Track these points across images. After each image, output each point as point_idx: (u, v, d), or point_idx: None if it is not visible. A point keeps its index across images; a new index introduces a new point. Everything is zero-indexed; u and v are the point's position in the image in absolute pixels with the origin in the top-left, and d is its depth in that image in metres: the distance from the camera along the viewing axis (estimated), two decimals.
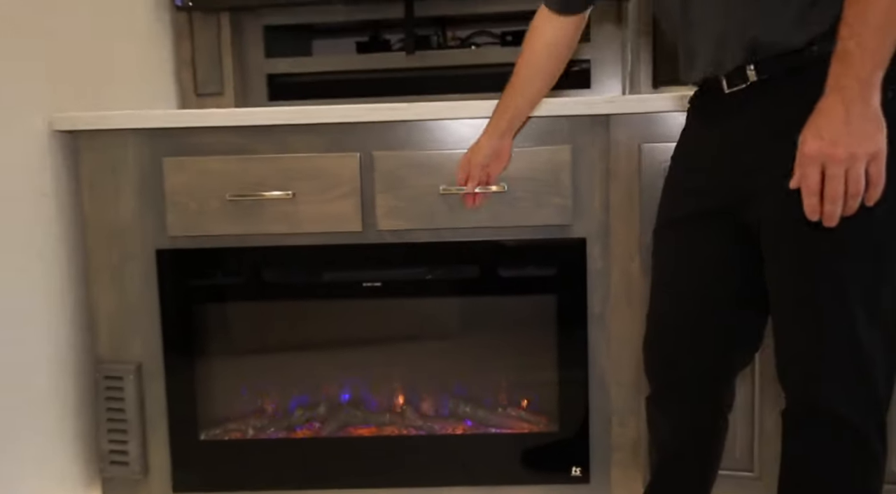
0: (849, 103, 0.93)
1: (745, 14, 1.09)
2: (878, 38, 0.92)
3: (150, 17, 2.14)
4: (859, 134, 0.93)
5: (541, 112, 1.61)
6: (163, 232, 1.72)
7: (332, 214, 1.68)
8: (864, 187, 0.95)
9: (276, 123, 1.68)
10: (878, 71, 0.93)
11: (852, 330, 1.04)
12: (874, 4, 0.92)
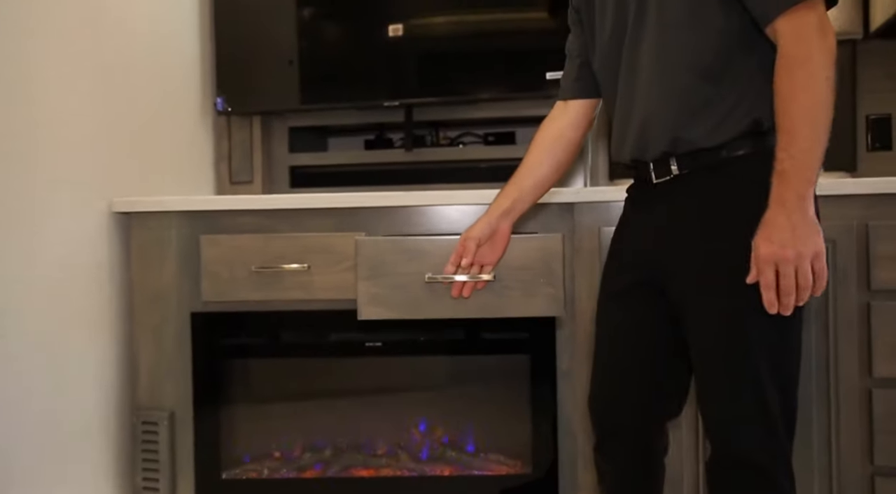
0: (790, 213, 1.00)
1: (669, 111, 1.14)
2: (808, 160, 1.00)
3: (196, 119, 2.26)
4: (803, 237, 1.00)
5: None
6: (198, 297, 1.79)
7: (340, 284, 1.74)
8: (811, 282, 1.02)
9: (295, 207, 1.77)
10: (811, 186, 1.01)
11: (759, 387, 1.10)
12: (800, 133, 1.00)
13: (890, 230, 1.58)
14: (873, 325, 1.59)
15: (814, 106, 0.99)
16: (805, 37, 1.00)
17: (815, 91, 0.99)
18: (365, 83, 2.20)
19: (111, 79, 1.85)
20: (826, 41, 1.00)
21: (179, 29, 2.17)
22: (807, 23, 1.00)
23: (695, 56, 1.11)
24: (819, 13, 1.01)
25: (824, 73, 0.99)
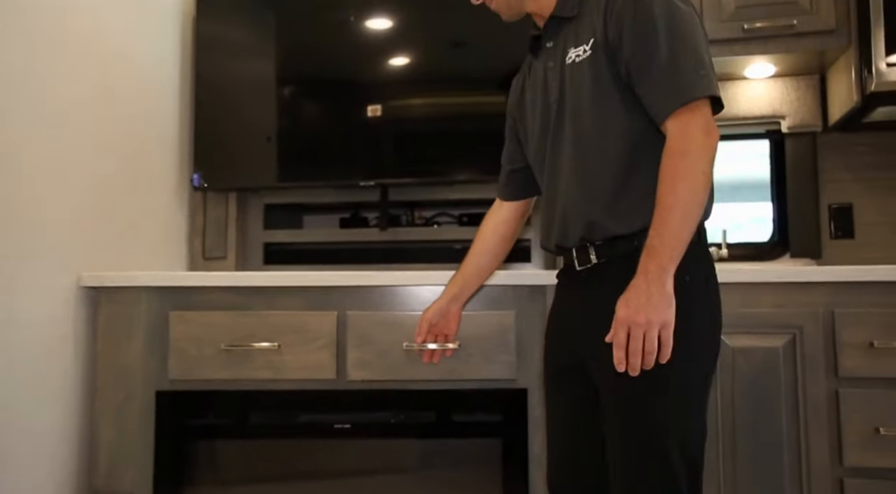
0: (650, 283, 1.10)
1: (586, 203, 1.26)
2: (674, 240, 1.11)
3: (171, 193, 2.27)
4: (655, 307, 1.09)
5: (491, 281, 1.71)
6: (164, 375, 1.76)
7: (310, 364, 1.73)
8: (657, 348, 1.10)
9: (268, 285, 1.77)
10: (673, 263, 1.11)
11: (666, 457, 1.15)
12: (672, 215, 1.11)
13: (855, 317, 1.62)
14: (842, 413, 1.60)
15: (688, 193, 1.11)
16: (688, 134, 1.13)
17: (691, 181, 1.11)
18: (342, 162, 2.25)
19: (85, 151, 1.87)
20: (707, 139, 1.13)
21: (159, 104, 2.22)
22: (691, 121, 1.13)
23: (605, 157, 1.24)
24: (703, 114, 1.14)
25: (701, 167, 1.12)
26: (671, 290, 1.11)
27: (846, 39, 2.04)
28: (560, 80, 1.30)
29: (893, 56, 1.92)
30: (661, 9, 1.17)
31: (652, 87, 1.17)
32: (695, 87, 1.14)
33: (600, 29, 1.23)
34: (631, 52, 1.19)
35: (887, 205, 2.26)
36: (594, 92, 1.24)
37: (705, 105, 1.15)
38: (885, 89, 1.93)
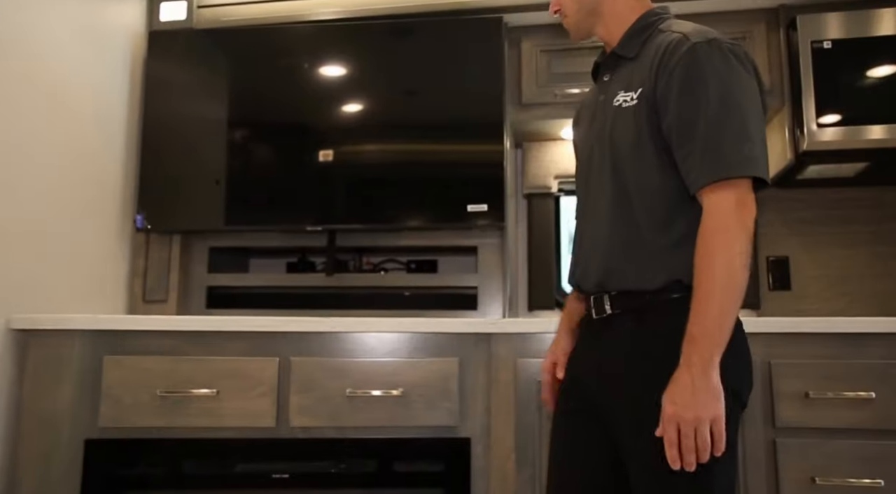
0: (695, 377, 1.04)
1: (607, 250, 1.23)
2: (716, 326, 1.05)
3: (113, 235, 2.23)
4: (703, 402, 1.04)
5: (433, 329, 1.71)
6: (94, 423, 1.70)
7: (250, 411, 1.70)
8: (709, 443, 1.04)
9: (209, 329, 1.73)
10: (717, 352, 1.05)
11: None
12: (711, 301, 1.05)
13: (791, 368, 1.66)
14: (780, 462, 1.63)
15: (725, 276, 1.05)
16: (721, 211, 1.08)
17: (726, 261, 1.05)
18: (291, 206, 2.24)
19: (21, 189, 1.83)
20: (741, 217, 1.07)
21: (104, 143, 2.19)
22: (725, 198, 1.08)
23: (634, 209, 1.20)
24: (739, 191, 1.08)
25: (738, 246, 1.06)
26: (717, 382, 1.05)
27: (780, 100, 2.15)
28: (604, 119, 1.27)
29: (823, 117, 2.02)
30: (716, 71, 1.12)
31: (690, 157, 1.13)
32: (732, 165, 1.08)
33: (651, 80, 1.18)
34: (675, 115, 1.14)
35: (821, 259, 2.35)
36: (634, 144, 1.20)
37: (745, 182, 1.09)
38: (816, 149, 2.03)
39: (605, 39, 1.33)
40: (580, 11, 1.31)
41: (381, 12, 2.30)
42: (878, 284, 2.31)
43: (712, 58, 1.13)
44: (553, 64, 2.27)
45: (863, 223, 2.35)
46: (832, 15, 2.06)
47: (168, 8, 2.39)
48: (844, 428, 1.63)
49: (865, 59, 2.02)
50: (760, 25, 2.18)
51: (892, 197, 2.35)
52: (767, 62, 2.16)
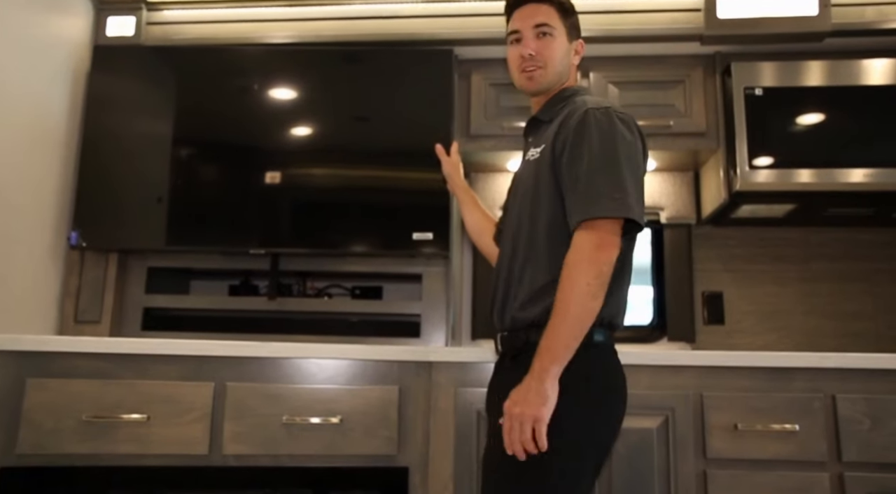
0: (531, 380, 1.21)
1: (500, 290, 1.41)
2: (557, 344, 1.21)
3: (45, 252, 2.14)
4: (530, 403, 1.19)
5: (374, 356, 1.70)
6: (11, 449, 1.61)
7: (182, 437, 1.64)
8: (529, 438, 1.19)
9: (140, 352, 1.68)
10: (556, 364, 1.21)
11: None
12: (559, 321, 1.21)
13: (722, 401, 1.70)
14: (710, 493, 1.65)
15: (572, 302, 1.21)
16: (581, 247, 1.23)
17: (576, 291, 1.21)
18: (235, 228, 2.20)
19: None
20: (597, 254, 1.22)
21: (40, 157, 2.12)
22: (587, 237, 1.23)
23: (522, 253, 1.37)
24: (600, 233, 1.23)
25: (586, 278, 1.21)
26: (549, 389, 1.20)
27: (715, 142, 2.23)
28: (520, 174, 1.48)
29: (756, 160, 2.11)
30: (601, 131, 1.29)
31: (568, 198, 1.29)
32: (601, 206, 1.23)
33: (552, 137, 1.37)
34: (565, 165, 1.31)
35: (753, 295, 2.43)
36: (532, 190, 1.38)
37: (609, 224, 1.24)
38: (748, 189, 2.11)
39: (536, 102, 1.51)
40: (555, 72, 1.45)
41: (333, 38, 2.31)
42: (806, 320, 2.40)
43: (600, 121, 1.30)
44: (502, 97, 2.31)
45: (791, 261, 2.44)
46: (765, 64, 2.16)
47: (115, 23, 2.35)
48: (771, 460, 1.67)
49: (795, 106, 2.13)
50: (698, 70, 2.28)
51: (818, 237, 2.45)
52: (704, 105, 2.25)
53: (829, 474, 1.66)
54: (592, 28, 2.24)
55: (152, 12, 2.37)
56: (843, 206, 2.21)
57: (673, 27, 2.23)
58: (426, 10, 2.30)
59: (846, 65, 2.15)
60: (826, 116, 2.12)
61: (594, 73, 2.30)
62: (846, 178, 2.08)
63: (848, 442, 1.67)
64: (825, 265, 2.44)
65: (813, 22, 2.14)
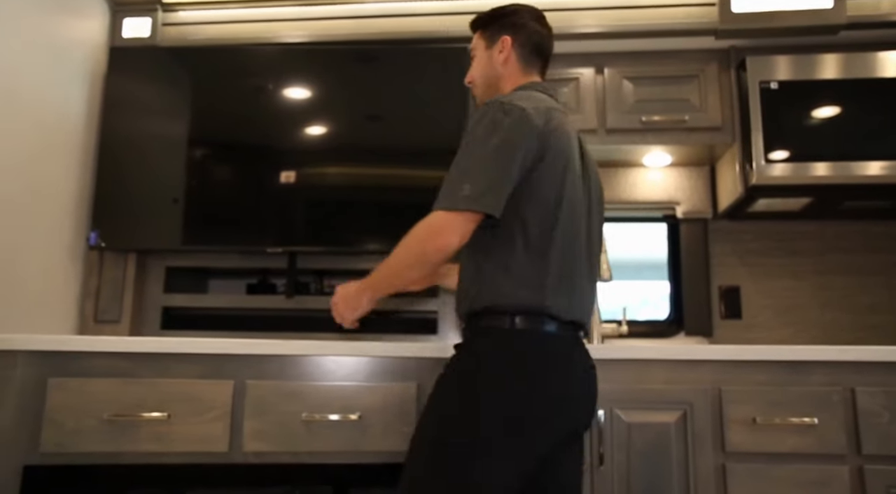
0: (355, 286, 1.45)
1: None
2: (376, 278, 1.40)
3: (65, 252, 2.17)
4: (345, 296, 1.47)
5: (392, 353, 1.70)
6: (35, 448, 1.63)
7: (202, 435, 1.65)
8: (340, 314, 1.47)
9: (159, 351, 1.69)
10: (370, 291, 1.42)
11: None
12: (382, 272, 1.38)
13: (741, 395, 1.69)
14: (729, 487, 1.65)
15: (395, 258, 1.35)
16: (417, 227, 1.32)
17: (399, 257, 1.34)
18: (251, 227, 2.21)
19: None
20: (423, 237, 1.30)
21: (59, 159, 2.14)
22: (425, 221, 1.30)
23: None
24: (435, 219, 1.29)
25: (411, 253, 1.32)
26: (363, 302, 1.44)
27: (731, 136, 2.23)
28: None
29: (772, 154, 2.10)
30: (475, 124, 1.32)
31: None
32: (440, 199, 1.29)
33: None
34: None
35: (770, 289, 2.42)
36: None
37: (442, 214, 1.28)
38: (764, 183, 2.10)
39: None
40: (484, 85, 1.52)
41: (347, 37, 2.32)
42: (823, 314, 2.39)
43: (481, 114, 1.32)
44: None
45: (808, 255, 2.43)
46: (780, 58, 2.15)
47: (131, 24, 2.37)
48: (790, 453, 1.66)
49: (810, 100, 2.12)
50: (712, 65, 2.27)
51: (834, 230, 2.44)
52: (719, 100, 2.24)
53: (848, 467, 1.66)
54: (606, 23, 2.24)
55: (168, 13, 2.39)
56: (859, 199, 2.20)
57: (687, 22, 2.22)
58: (439, 7, 2.31)
59: (862, 57, 2.13)
60: (842, 109, 2.11)
61: (608, 69, 2.29)
62: (862, 171, 2.06)
63: (868, 435, 1.66)
64: (842, 258, 2.42)
65: (828, 14, 2.13)
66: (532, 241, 1.30)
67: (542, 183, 1.30)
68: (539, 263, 1.29)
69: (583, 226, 1.37)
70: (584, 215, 1.38)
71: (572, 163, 1.35)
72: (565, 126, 1.37)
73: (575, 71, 2.31)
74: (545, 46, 1.51)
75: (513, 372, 1.25)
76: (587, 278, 1.38)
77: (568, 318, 1.31)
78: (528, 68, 1.49)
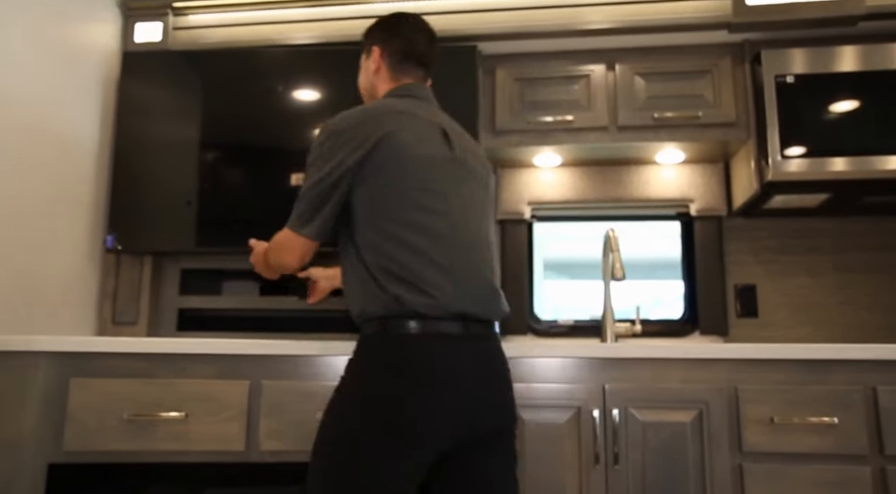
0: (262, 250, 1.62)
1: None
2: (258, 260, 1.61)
3: (83, 256, 2.20)
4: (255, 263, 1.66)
5: None
6: (59, 447, 1.66)
7: (219, 435, 1.67)
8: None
9: (176, 352, 1.71)
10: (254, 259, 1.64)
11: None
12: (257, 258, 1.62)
13: (757, 394, 1.68)
14: (746, 487, 1.64)
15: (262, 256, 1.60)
16: (273, 240, 1.48)
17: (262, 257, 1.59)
18: (263, 228, 2.21)
19: None
20: (275, 252, 1.47)
21: (75, 164, 2.17)
22: (278, 237, 1.47)
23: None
24: (279, 237, 1.46)
25: (265, 260, 1.57)
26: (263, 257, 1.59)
27: (745, 132, 2.20)
28: None
29: (788, 149, 2.08)
30: (311, 148, 1.41)
31: None
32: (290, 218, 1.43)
33: None
34: None
35: (786, 287, 2.39)
36: None
37: (286, 232, 1.43)
38: (780, 179, 2.08)
39: None
40: (366, 94, 1.61)
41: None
42: (841, 312, 2.36)
43: (317, 136, 1.42)
44: (527, 92, 2.31)
45: (825, 252, 2.41)
46: (795, 51, 2.13)
47: (143, 29, 2.39)
48: (809, 454, 1.65)
49: (827, 93, 2.09)
50: (726, 59, 2.25)
51: (852, 227, 2.41)
52: (733, 95, 2.22)
53: (870, 468, 1.64)
54: (616, 19, 2.23)
55: (178, 17, 2.41)
56: (879, 195, 2.17)
57: (699, 16, 2.20)
58: (448, 6, 2.31)
59: (881, 49, 2.10)
60: (861, 102, 2.08)
61: (620, 65, 2.28)
62: (883, 166, 2.04)
63: (890, 435, 1.64)
64: (860, 255, 2.39)
65: (846, 5, 2.10)
66: (381, 245, 1.31)
67: (375, 189, 1.33)
68: (394, 264, 1.29)
69: (454, 213, 1.35)
70: (446, 201, 1.35)
71: (418, 157, 1.34)
72: (413, 122, 1.38)
73: (585, 68, 2.30)
74: (418, 51, 1.53)
75: (385, 375, 1.25)
76: (469, 266, 1.34)
77: (435, 315, 1.28)
78: (401, 74, 1.53)
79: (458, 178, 1.39)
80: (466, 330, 1.31)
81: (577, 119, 2.26)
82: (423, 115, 1.41)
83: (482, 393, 1.30)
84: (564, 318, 2.49)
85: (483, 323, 1.35)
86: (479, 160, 1.50)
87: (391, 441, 1.21)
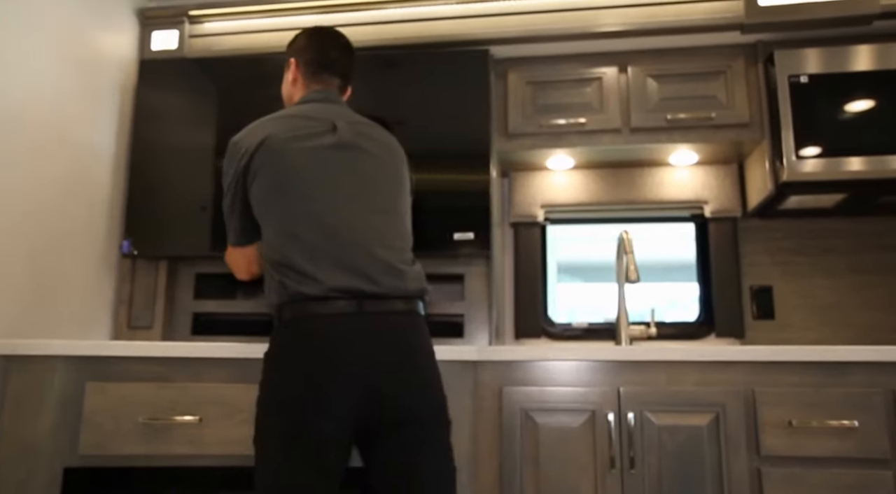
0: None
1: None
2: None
3: (99, 260, 2.21)
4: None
5: None
6: (75, 450, 1.66)
7: (233, 438, 1.67)
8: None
9: (191, 356, 1.71)
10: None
11: None
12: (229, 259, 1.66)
13: (775, 397, 1.66)
14: (765, 492, 1.61)
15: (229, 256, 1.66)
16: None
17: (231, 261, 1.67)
18: None
19: (3, 214, 1.81)
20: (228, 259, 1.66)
21: (92, 170, 2.18)
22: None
23: None
24: (227, 252, 1.64)
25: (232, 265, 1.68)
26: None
27: (760, 133, 2.18)
28: None
29: (803, 149, 2.05)
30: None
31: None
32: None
33: None
34: None
35: (803, 288, 2.36)
36: None
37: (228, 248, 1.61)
38: (796, 179, 2.06)
39: None
40: (286, 104, 1.69)
41: (369, 43, 2.33)
42: (859, 313, 2.33)
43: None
44: (539, 95, 2.30)
45: (842, 253, 2.37)
46: (809, 50, 2.10)
47: (159, 37, 2.41)
48: (829, 457, 1.62)
49: (842, 93, 2.07)
50: (739, 60, 2.23)
51: (869, 227, 2.38)
52: (746, 96, 2.20)
53: (892, 472, 1.61)
54: (628, 21, 2.22)
55: (194, 25, 2.43)
56: (895, 194, 2.14)
57: (711, 17, 2.19)
58: (460, 10, 2.30)
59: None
60: (876, 102, 2.05)
61: (632, 68, 2.27)
62: None
63: None
64: (878, 256, 2.36)
65: (860, 4, 2.08)
66: (271, 239, 1.41)
67: (260, 190, 1.44)
68: (278, 253, 1.39)
69: (329, 197, 1.41)
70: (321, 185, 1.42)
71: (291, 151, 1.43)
72: (296, 122, 1.48)
73: (598, 70, 2.29)
74: (328, 59, 1.61)
75: (279, 359, 1.36)
76: (352, 243, 1.38)
77: (316, 294, 1.34)
78: (313, 82, 1.62)
79: (341, 162, 1.45)
80: (360, 307, 1.34)
81: (590, 121, 2.25)
82: (316, 115, 1.50)
83: (386, 370, 1.32)
84: (579, 321, 2.47)
85: (383, 300, 1.36)
86: (381, 145, 1.54)
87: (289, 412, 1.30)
